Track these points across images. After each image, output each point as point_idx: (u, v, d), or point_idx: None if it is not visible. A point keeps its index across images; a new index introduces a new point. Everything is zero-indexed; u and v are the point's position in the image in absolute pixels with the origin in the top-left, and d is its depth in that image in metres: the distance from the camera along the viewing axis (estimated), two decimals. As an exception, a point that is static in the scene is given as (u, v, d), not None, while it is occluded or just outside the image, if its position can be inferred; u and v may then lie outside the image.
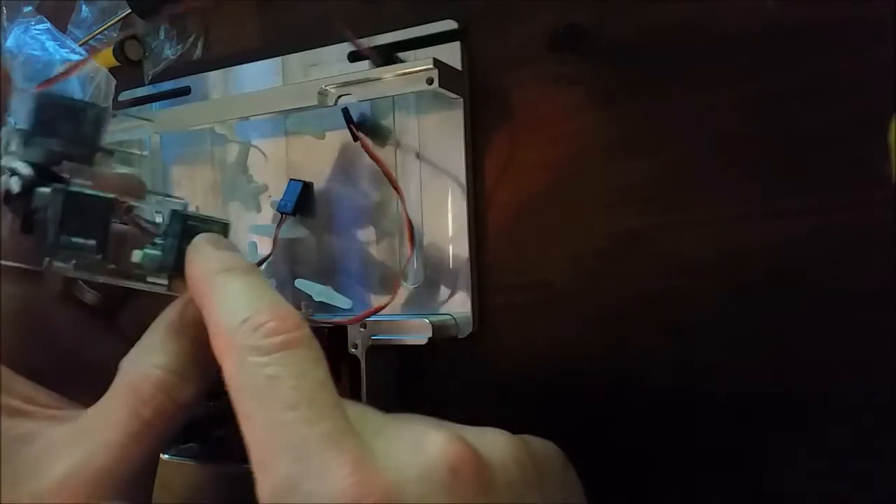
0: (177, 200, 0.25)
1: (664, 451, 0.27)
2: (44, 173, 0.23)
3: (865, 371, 0.24)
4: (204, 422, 0.33)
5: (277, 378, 0.18)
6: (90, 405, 0.22)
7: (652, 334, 0.27)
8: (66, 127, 0.23)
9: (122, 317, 0.27)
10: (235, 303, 0.20)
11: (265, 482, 0.17)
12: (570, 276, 0.28)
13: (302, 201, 0.33)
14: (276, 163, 0.35)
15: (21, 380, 0.22)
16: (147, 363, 0.22)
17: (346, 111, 0.31)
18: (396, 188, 0.30)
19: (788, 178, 0.25)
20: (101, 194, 0.23)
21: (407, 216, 0.30)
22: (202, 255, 0.22)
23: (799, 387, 0.25)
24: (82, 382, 0.23)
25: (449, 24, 0.30)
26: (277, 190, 0.34)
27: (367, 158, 0.32)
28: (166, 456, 0.34)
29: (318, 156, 0.33)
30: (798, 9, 0.25)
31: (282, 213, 0.33)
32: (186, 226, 0.23)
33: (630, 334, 0.27)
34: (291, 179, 0.33)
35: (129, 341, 0.27)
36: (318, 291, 0.33)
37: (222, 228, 0.24)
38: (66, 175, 0.23)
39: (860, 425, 0.24)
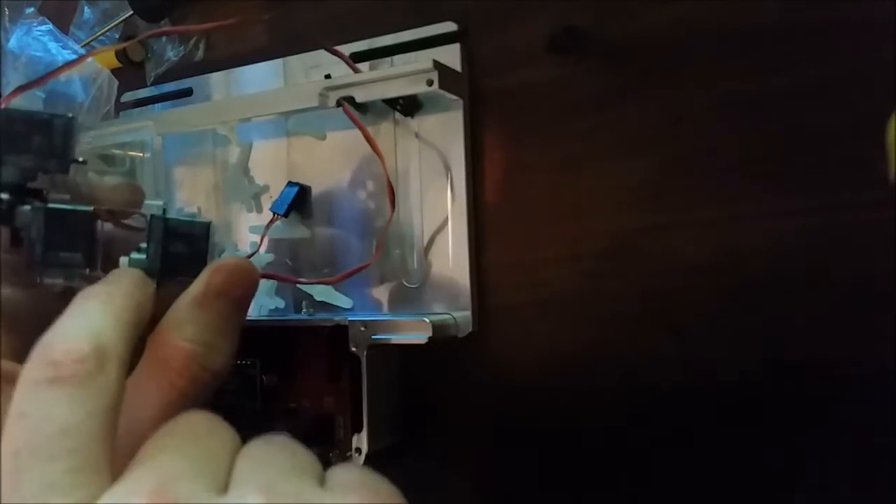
0: (155, 204, 0.25)
1: (664, 451, 0.27)
2: (21, 191, 0.23)
3: (866, 371, 0.24)
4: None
5: (24, 417, 0.17)
6: None
7: (652, 334, 0.27)
8: (34, 142, 0.23)
9: None
10: (62, 325, 0.19)
11: None
12: (569, 276, 0.29)
13: (298, 204, 0.33)
14: (277, 163, 0.35)
15: None
16: (177, 337, 0.22)
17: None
18: (376, 151, 0.29)
19: (788, 178, 0.25)
20: (80, 208, 0.23)
21: (387, 178, 0.30)
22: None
23: (799, 387, 0.25)
24: None
25: (449, 27, 0.30)
26: (278, 191, 0.34)
27: (367, 158, 0.32)
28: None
29: (319, 156, 0.33)
30: (798, 9, 0.25)
31: (274, 213, 0.33)
32: (168, 228, 0.23)
33: (630, 334, 0.27)
34: (290, 182, 0.33)
35: None
36: (319, 291, 0.33)
37: (204, 228, 0.24)
38: (44, 190, 0.23)
39: (860, 425, 0.24)
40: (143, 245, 0.24)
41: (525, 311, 0.29)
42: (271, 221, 0.33)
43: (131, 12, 0.39)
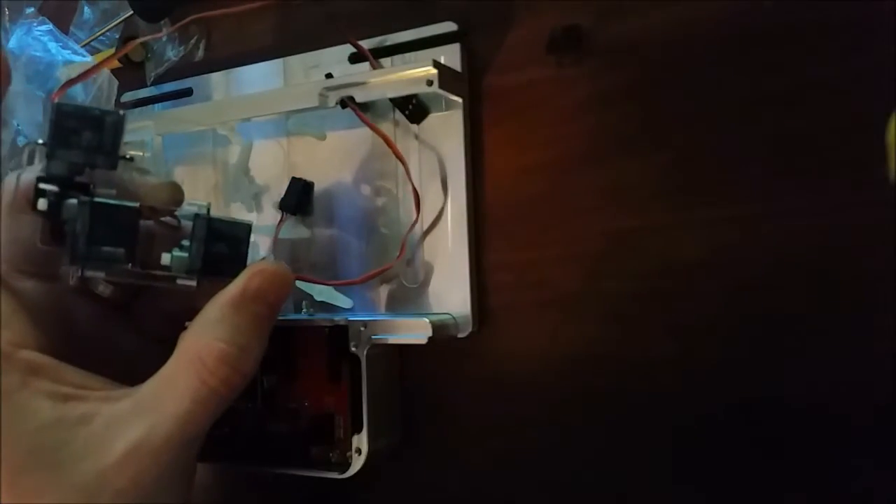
0: (200, 203, 0.25)
1: (664, 451, 0.27)
2: (69, 185, 0.23)
3: (866, 371, 0.24)
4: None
5: None
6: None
7: (652, 334, 0.27)
8: (85, 137, 0.23)
9: (137, 307, 0.28)
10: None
11: None
12: (569, 276, 0.29)
13: (303, 200, 0.33)
14: (277, 163, 0.35)
15: (70, 368, 0.23)
16: (211, 336, 0.23)
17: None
18: (398, 156, 0.29)
19: (788, 178, 0.25)
20: (127, 204, 0.23)
21: (412, 183, 0.30)
22: None
23: (799, 386, 0.25)
24: (104, 373, 0.24)
25: (449, 26, 0.30)
26: (278, 191, 0.34)
27: (367, 159, 0.32)
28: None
29: (320, 156, 0.33)
30: (797, 9, 0.25)
31: (283, 212, 0.33)
32: (211, 228, 0.24)
33: (630, 334, 0.27)
34: (293, 178, 0.33)
35: (146, 330, 0.28)
36: (319, 291, 0.33)
37: (245, 230, 0.25)
38: (91, 184, 0.24)
39: (861, 425, 0.24)
40: (185, 243, 0.24)
41: (525, 311, 0.29)
42: (282, 220, 0.33)
43: (131, 12, 0.39)
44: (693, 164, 0.26)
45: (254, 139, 0.35)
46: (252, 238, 0.25)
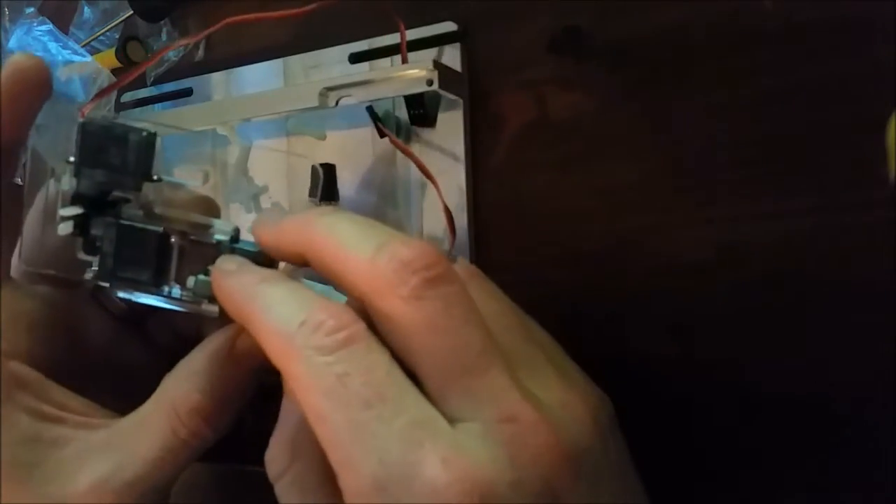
0: (226, 229, 0.24)
1: (663, 451, 0.27)
2: (97, 204, 0.23)
3: (865, 371, 0.24)
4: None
5: (347, 375, 0.17)
6: (118, 410, 0.23)
7: (652, 334, 0.27)
8: (111, 156, 0.22)
9: (151, 322, 0.28)
10: (286, 307, 0.19)
11: (350, 483, 0.17)
12: (569, 276, 0.28)
13: (330, 186, 0.32)
14: (276, 164, 0.35)
15: (55, 386, 0.23)
16: (190, 386, 0.22)
17: (370, 109, 0.30)
18: (431, 179, 0.29)
19: (788, 178, 0.25)
20: (151, 227, 0.23)
21: (444, 204, 0.29)
22: (234, 272, 0.21)
23: (799, 387, 0.25)
24: (111, 388, 0.24)
25: (449, 26, 0.30)
26: (278, 191, 0.34)
27: (367, 158, 0.32)
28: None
29: (319, 156, 0.33)
30: (797, 9, 0.25)
31: (314, 201, 0.32)
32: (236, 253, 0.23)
33: (630, 334, 0.27)
34: (313, 166, 0.32)
35: (158, 347, 0.27)
36: (320, 290, 0.33)
37: (266, 258, 0.24)
38: (119, 203, 0.23)
39: (861, 425, 0.24)
40: (211, 268, 0.23)
41: (524, 310, 0.29)
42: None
43: (131, 12, 0.39)
44: (692, 164, 0.26)
45: (254, 139, 0.35)
46: (252, 239, 0.25)
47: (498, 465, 0.17)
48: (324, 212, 0.21)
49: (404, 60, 0.29)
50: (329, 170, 0.32)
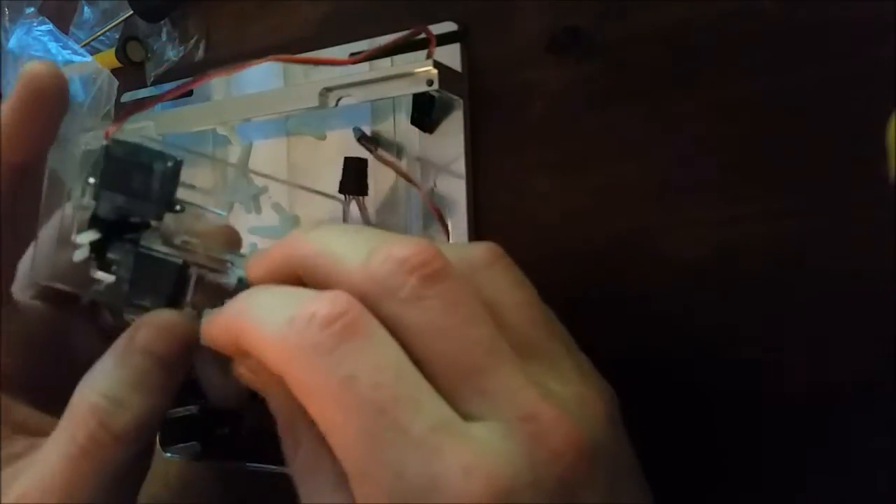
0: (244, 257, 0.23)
1: (664, 451, 0.27)
2: (115, 227, 0.22)
3: (865, 371, 0.24)
4: (206, 420, 0.33)
5: (354, 378, 0.16)
6: None
7: (652, 334, 0.27)
8: (134, 182, 0.21)
9: None
10: (270, 308, 0.18)
11: (368, 496, 0.16)
12: (569, 277, 0.28)
13: (360, 180, 0.31)
14: (276, 164, 0.35)
15: (19, 406, 0.23)
16: (88, 386, 0.21)
17: (359, 133, 0.30)
18: (415, 184, 0.29)
19: (788, 178, 0.25)
20: (170, 259, 0.22)
21: (433, 206, 0.29)
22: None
23: (799, 387, 0.25)
24: None
25: (449, 26, 0.30)
26: (278, 191, 0.34)
27: (367, 158, 0.32)
28: (168, 454, 0.34)
29: (320, 156, 0.33)
30: (797, 9, 0.25)
31: (345, 196, 0.31)
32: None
33: (630, 334, 0.27)
34: (346, 158, 0.31)
35: None
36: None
37: None
38: (138, 230, 0.22)
39: (861, 425, 0.24)
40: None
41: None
42: (346, 205, 0.31)
43: (131, 12, 0.39)
44: (693, 164, 0.26)
45: (254, 139, 0.35)
46: (251, 240, 0.25)
47: (518, 468, 0.16)
48: (310, 227, 0.20)
49: (430, 55, 0.29)
50: (358, 164, 0.31)
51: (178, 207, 0.22)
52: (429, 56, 0.28)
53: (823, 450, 0.25)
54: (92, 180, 0.22)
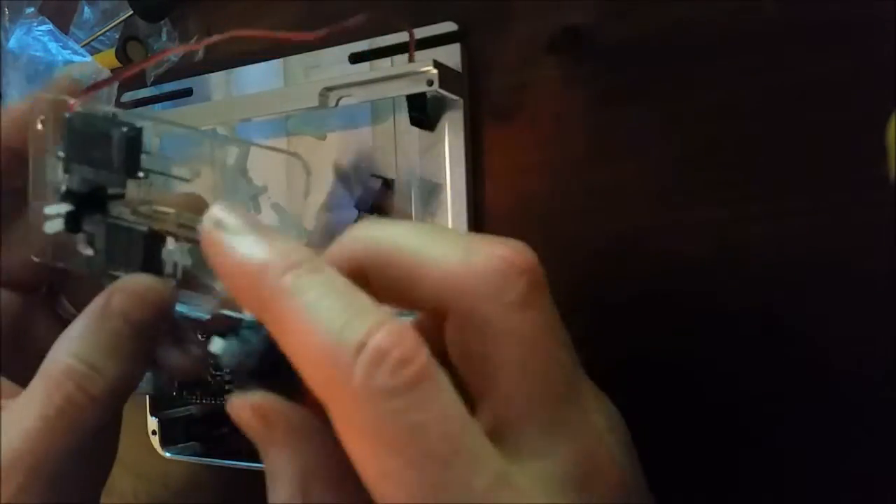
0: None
1: (663, 452, 0.27)
2: (88, 201, 0.22)
3: (866, 371, 0.24)
4: (205, 420, 0.33)
5: (423, 427, 0.15)
6: None
7: (652, 334, 0.27)
8: (96, 152, 0.21)
9: None
10: (333, 314, 0.15)
11: None
12: (569, 277, 0.28)
13: (381, 199, 0.32)
14: (276, 164, 0.35)
15: None
16: (62, 349, 0.21)
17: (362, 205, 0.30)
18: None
19: (788, 178, 0.25)
20: (136, 227, 0.22)
21: None
22: (243, 243, 0.17)
23: (799, 387, 0.25)
24: None
25: (449, 26, 0.30)
26: (277, 191, 0.34)
27: (367, 158, 0.32)
28: (168, 454, 0.34)
29: (319, 156, 0.33)
30: (797, 9, 0.25)
31: (359, 212, 0.32)
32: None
33: (630, 334, 0.27)
34: (372, 175, 0.32)
35: None
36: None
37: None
38: (105, 202, 0.22)
39: (861, 425, 0.24)
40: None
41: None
42: (357, 220, 0.32)
43: (131, 12, 0.39)
44: (693, 164, 0.26)
45: (253, 139, 0.35)
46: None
47: None
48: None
49: (411, 59, 0.29)
50: (386, 183, 0.31)
51: (140, 174, 0.22)
52: (410, 60, 0.28)
53: (823, 450, 0.25)
54: (61, 153, 0.22)
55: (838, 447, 0.24)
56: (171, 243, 0.22)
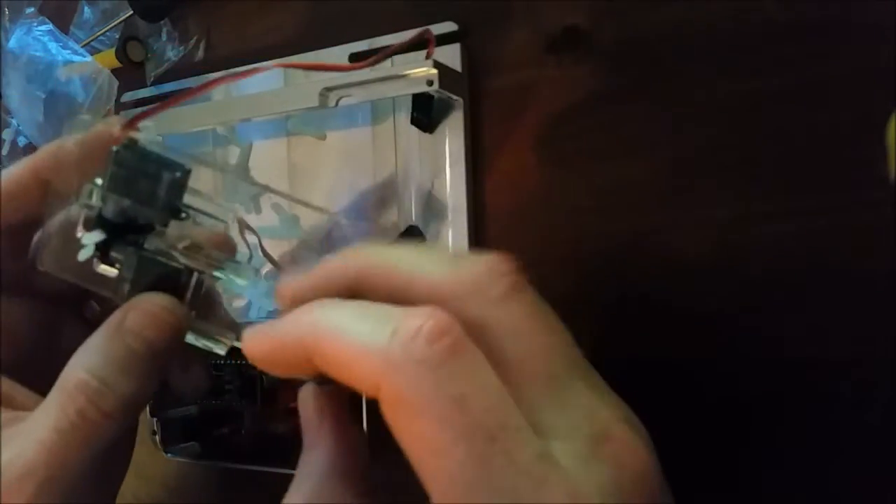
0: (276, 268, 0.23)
1: (662, 451, 0.27)
2: (120, 229, 0.22)
3: (865, 371, 0.24)
4: (205, 421, 0.33)
5: (465, 398, 0.15)
6: None
7: (652, 334, 0.27)
8: (140, 188, 0.21)
9: None
10: (365, 321, 0.16)
11: None
12: (569, 277, 0.28)
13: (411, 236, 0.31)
14: (277, 164, 0.35)
15: (6, 381, 0.23)
16: (78, 363, 0.21)
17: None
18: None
19: (788, 178, 0.25)
20: (171, 264, 0.23)
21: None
22: (277, 323, 0.19)
23: (799, 388, 0.25)
24: None
25: (449, 27, 0.30)
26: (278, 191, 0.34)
27: (368, 158, 0.32)
28: (168, 454, 0.34)
29: (320, 156, 0.33)
30: (797, 9, 0.25)
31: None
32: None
33: (630, 334, 0.27)
34: (409, 226, 0.32)
35: None
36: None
37: None
38: (145, 229, 0.22)
39: (861, 425, 0.24)
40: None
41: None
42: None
43: (131, 12, 0.39)
44: (692, 164, 0.26)
45: (254, 139, 0.35)
46: (251, 240, 0.25)
47: (610, 493, 0.16)
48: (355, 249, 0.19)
49: (429, 56, 0.28)
50: (413, 231, 0.31)
51: (183, 215, 0.23)
52: (428, 56, 0.28)
53: (823, 450, 0.25)
54: (99, 181, 0.22)
55: (838, 447, 0.24)
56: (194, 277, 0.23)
